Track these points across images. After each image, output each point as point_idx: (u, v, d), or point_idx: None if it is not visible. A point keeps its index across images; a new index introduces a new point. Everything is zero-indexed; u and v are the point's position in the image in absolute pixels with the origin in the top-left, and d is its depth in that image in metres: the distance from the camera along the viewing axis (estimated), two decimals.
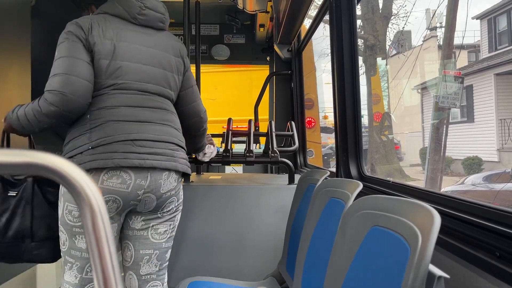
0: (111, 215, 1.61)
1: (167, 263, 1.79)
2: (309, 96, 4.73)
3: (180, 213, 1.82)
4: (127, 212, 1.68)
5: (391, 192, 1.53)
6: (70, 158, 1.55)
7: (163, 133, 1.65)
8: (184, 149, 1.77)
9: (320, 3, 2.84)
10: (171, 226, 1.76)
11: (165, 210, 1.72)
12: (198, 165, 3.12)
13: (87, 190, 0.45)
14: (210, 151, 2.27)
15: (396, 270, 0.86)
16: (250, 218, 2.38)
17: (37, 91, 1.78)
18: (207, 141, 2.22)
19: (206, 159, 2.29)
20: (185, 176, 1.81)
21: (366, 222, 1.06)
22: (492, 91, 11.53)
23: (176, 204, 1.75)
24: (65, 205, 1.58)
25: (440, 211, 1.10)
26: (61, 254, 1.63)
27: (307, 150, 4.26)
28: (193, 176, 2.91)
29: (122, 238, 1.75)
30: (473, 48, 16.01)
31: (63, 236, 1.60)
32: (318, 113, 5.00)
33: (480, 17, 14.18)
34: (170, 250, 1.80)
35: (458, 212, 1.02)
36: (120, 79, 1.61)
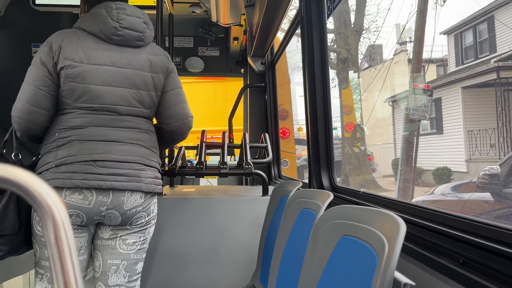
0: (79, 226, 1.62)
1: (138, 275, 1.76)
2: (284, 107, 4.79)
3: (152, 227, 1.80)
4: (97, 223, 1.68)
5: (361, 202, 1.56)
6: (39, 174, 1.57)
7: (129, 153, 1.65)
8: (155, 167, 1.75)
9: (292, 16, 2.89)
10: (141, 238, 1.74)
11: (133, 224, 1.70)
12: (172, 178, 3.09)
13: (49, 202, 0.45)
14: None
15: (364, 278, 0.87)
16: (224, 230, 2.36)
17: (2, 99, 1.80)
18: None
19: None
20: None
21: (336, 232, 1.08)
22: (460, 103, 11.93)
23: (147, 219, 1.74)
24: (34, 216, 1.60)
25: (406, 220, 1.13)
26: (34, 265, 1.64)
27: (282, 160, 4.29)
28: (166, 189, 2.88)
29: (92, 248, 1.74)
30: (441, 62, 16.58)
31: (34, 246, 1.62)
32: (293, 124, 5.06)
33: (447, 32, 14.72)
34: (141, 263, 1.77)
35: (424, 221, 1.05)
36: (89, 102, 1.62)
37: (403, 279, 0.78)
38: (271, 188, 2.42)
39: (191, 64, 4.81)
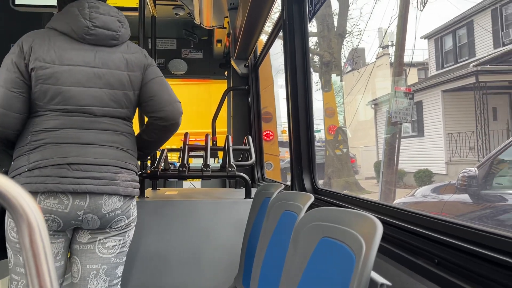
0: (55, 231, 1.59)
1: (118, 279, 1.74)
2: (268, 109, 4.81)
3: (132, 230, 1.78)
4: (74, 227, 1.65)
5: (342, 204, 1.58)
6: (12, 178, 1.53)
7: (105, 156, 1.62)
8: (133, 170, 1.72)
9: (275, 19, 2.91)
10: (121, 242, 1.72)
11: (113, 227, 1.68)
12: (154, 181, 3.07)
13: (24, 205, 0.44)
14: None
15: (342, 279, 0.88)
16: (207, 233, 2.36)
17: None
18: None
19: None
20: (140, 191, 1.77)
21: (316, 234, 1.09)
22: (440, 106, 12.15)
23: (126, 222, 1.71)
24: (8, 222, 1.56)
25: (385, 221, 1.15)
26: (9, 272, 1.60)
27: (266, 162, 4.30)
28: (149, 192, 2.86)
29: (70, 253, 1.71)
30: (422, 66, 16.87)
31: (9, 253, 1.58)
32: (276, 126, 5.09)
33: (428, 36, 14.99)
34: (121, 266, 1.75)
35: (401, 222, 1.07)
36: (62, 104, 1.59)
37: (380, 279, 0.79)
38: (254, 191, 2.43)
39: (174, 66, 4.79)
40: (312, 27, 12.94)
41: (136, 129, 1.94)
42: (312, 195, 1.36)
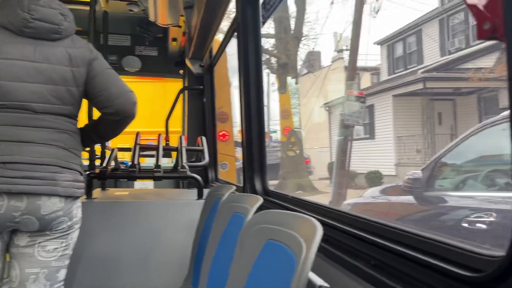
0: None
1: (60, 284, 1.68)
2: (224, 109, 4.79)
3: (77, 231, 1.73)
4: (12, 230, 1.57)
5: (289, 207, 1.61)
6: None
7: (45, 155, 1.56)
8: (76, 170, 1.66)
9: (232, 19, 2.91)
10: (63, 244, 1.66)
11: (54, 229, 1.62)
12: (103, 181, 2.99)
13: None
14: None
15: (285, 281, 0.91)
16: (157, 235, 2.33)
17: None
18: None
19: None
20: (87, 191, 1.72)
21: (262, 236, 1.11)
22: (391, 110, 12.64)
23: (69, 223, 1.65)
24: None
25: (327, 224, 1.19)
26: None
27: (222, 163, 4.29)
28: (97, 192, 2.78)
29: (9, 256, 1.63)
30: (375, 71, 17.48)
31: None
32: (233, 126, 5.08)
33: (380, 43, 15.56)
34: (64, 270, 1.69)
35: (342, 224, 1.12)
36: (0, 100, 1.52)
37: (319, 281, 0.82)
38: (207, 192, 2.43)
39: (128, 63, 4.68)
40: (270, 28, 13.06)
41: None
42: (261, 197, 1.38)
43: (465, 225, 3.26)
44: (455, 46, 12.34)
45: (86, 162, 2.31)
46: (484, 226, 3.09)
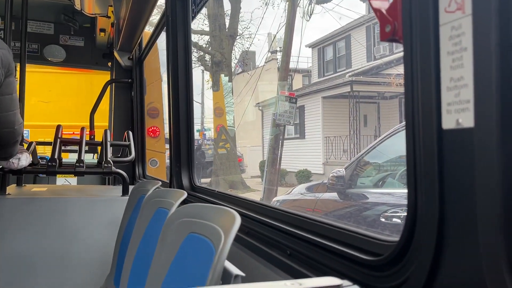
0: None
1: None
2: (154, 105, 4.68)
3: None
4: None
5: (214, 201, 1.62)
6: None
7: None
8: None
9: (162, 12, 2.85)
10: None
11: None
12: (19, 176, 2.80)
13: None
14: (24, 161, 2.08)
15: (203, 271, 0.91)
16: (77, 233, 2.22)
17: None
18: (19, 150, 2.04)
19: (16, 167, 2.09)
20: (0, 187, 1.62)
21: (184, 230, 1.11)
22: (320, 112, 13.13)
23: None
24: None
25: (247, 216, 1.22)
26: None
27: (151, 159, 4.19)
28: (12, 188, 2.59)
29: None
30: (307, 73, 18.04)
31: None
32: (163, 123, 4.98)
33: (312, 45, 16.08)
34: None
35: (261, 216, 1.15)
36: None
37: (235, 270, 0.84)
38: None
39: (51, 53, 4.40)
40: (205, 25, 12.98)
41: None
42: (188, 192, 1.38)
43: (383, 220, 3.48)
44: (380, 53, 13.10)
45: None
46: (399, 221, 3.32)
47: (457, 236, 0.56)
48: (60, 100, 6.15)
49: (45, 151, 4.84)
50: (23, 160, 2.09)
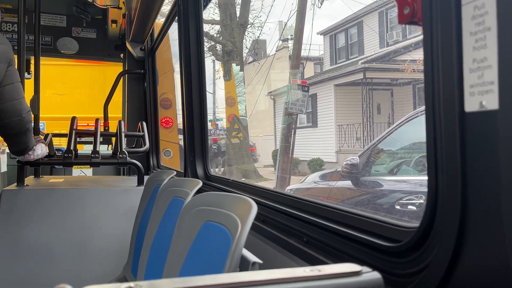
0: None
1: None
2: (167, 95, 4.69)
3: None
4: None
5: (230, 190, 1.63)
6: None
7: None
8: None
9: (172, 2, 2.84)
10: None
11: None
12: (37, 168, 2.84)
13: None
14: (40, 152, 2.11)
15: (220, 259, 0.92)
16: (94, 223, 2.26)
17: None
18: (36, 141, 2.07)
19: (32, 158, 2.13)
20: (19, 178, 1.66)
21: (200, 218, 1.11)
22: (332, 100, 13.03)
23: None
24: None
25: (263, 204, 1.22)
26: None
27: (165, 150, 4.21)
28: (30, 180, 2.64)
29: None
30: (318, 61, 17.87)
31: None
32: (176, 113, 5.00)
33: (324, 33, 15.90)
34: None
35: (277, 204, 1.15)
36: None
37: (253, 258, 0.84)
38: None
39: (64, 45, 4.43)
40: (215, 15, 12.91)
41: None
42: (202, 181, 1.38)
43: (398, 207, 3.46)
44: (393, 38, 12.90)
45: None
46: (414, 208, 3.29)
47: (481, 222, 0.55)
48: (74, 92, 6.21)
49: (60, 143, 4.90)
50: (38, 150, 2.12)
